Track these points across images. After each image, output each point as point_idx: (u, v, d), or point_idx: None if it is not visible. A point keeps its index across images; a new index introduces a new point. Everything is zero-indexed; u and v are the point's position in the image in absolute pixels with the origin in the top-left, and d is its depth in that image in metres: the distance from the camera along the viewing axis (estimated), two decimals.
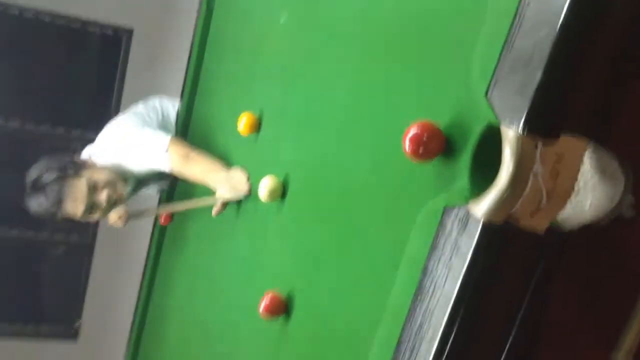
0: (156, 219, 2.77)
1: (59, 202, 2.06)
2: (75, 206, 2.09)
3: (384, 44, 1.15)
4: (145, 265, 2.92)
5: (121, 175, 2.21)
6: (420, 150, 0.89)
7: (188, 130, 2.41)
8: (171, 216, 2.69)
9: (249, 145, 1.79)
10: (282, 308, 1.35)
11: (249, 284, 1.57)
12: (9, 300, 4.59)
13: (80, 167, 2.13)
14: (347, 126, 1.21)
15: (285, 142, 1.58)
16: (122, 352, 2.93)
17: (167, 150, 2.05)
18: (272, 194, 1.49)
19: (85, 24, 4.39)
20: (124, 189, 2.21)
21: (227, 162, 1.93)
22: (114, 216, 2.08)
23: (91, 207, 2.11)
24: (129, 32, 4.46)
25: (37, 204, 2.09)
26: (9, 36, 4.26)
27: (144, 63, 4.45)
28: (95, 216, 2.16)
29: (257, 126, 1.75)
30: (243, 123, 1.74)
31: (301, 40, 1.58)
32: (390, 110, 1.07)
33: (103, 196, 2.11)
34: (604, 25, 0.68)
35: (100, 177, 2.13)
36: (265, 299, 1.35)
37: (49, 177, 2.07)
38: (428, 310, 0.76)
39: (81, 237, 4.64)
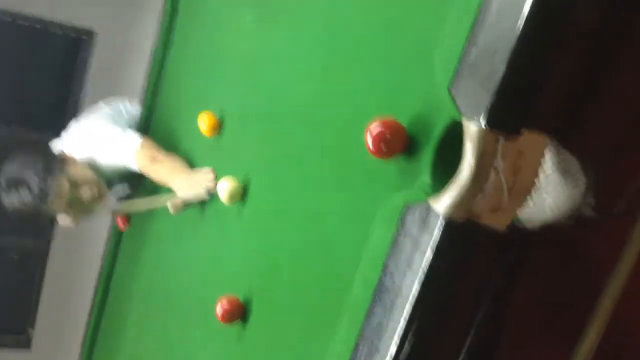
0: (113, 225, 2.71)
1: (45, 197, 2.00)
2: (59, 202, 2.04)
3: (347, 41, 1.13)
4: (101, 271, 2.85)
5: (97, 173, 2.17)
6: (383, 148, 0.87)
7: (149, 131, 2.36)
8: (129, 221, 2.62)
9: (211, 147, 1.75)
10: (239, 312, 1.31)
11: (208, 287, 1.53)
12: None
13: (62, 163, 2.09)
14: (309, 125, 1.19)
15: (247, 143, 1.55)
16: None
17: (136, 151, 2.03)
18: (232, 195, 1.46)
19: (47, 24, 4.28)
20: (104, 186, 2.18)
21: (190, 163, 1.89)
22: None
23: (73, 202, 2.07)
24: (91, 34, 4.37)
25: (18, 200, 2.00)
26: None
27: (106, 65, 4.37)
28: (79, 213, 2.15)
29: (218, 127, 1.71)
30: (204, 123, 1.71)
31: (263, 39, 1.56)
32: (353, 107, 1.06)
33: (85, 191, 2.08)
34: (570, 17, 0.67)
35: (81, 173, 2.11)
36: (222, 302, 1.31)
37: (32, 172, 2.01)
38: (387, 309, 0.74)
39: (35, 242, 4.50)
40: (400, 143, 0.88)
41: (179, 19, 2.32)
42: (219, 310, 1.31)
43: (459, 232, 0.71)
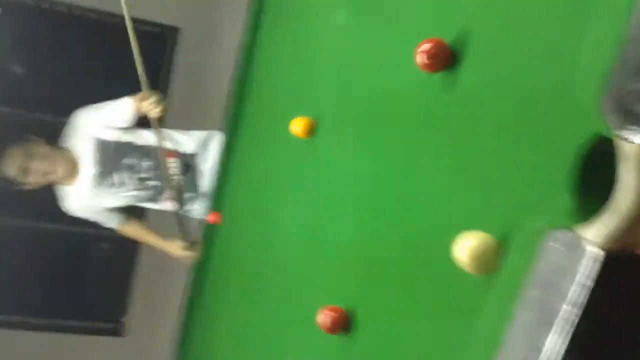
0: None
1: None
2: (7, 168, 2.62)
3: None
4: (193, 264, 2.87)
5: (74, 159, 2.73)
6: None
7: (238, 132, 2.36)
8: (221, 216, 2.64)
9: (303, 150, 1.72)
10: (344, 322, 1.27)
11: (308, 293, 1.50)
12: (54, 296, 4.64)
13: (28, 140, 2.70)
14: (415, 127, 1.13)
15: (344, 146, 1.50)
16: (169, 349, 2.90)
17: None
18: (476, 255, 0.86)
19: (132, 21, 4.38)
20: (59, 170, 2.69)
21: (282, 166, 1.88)
22: None
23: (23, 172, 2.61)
24: (175, 30, 4.44)
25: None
26: (58, 33, 4.30)
27: (191, 62, 4.42)
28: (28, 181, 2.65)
29: (313, 129, 1.68)
30: (297, 126, 1.67)
31: (359, 35, 1.51)
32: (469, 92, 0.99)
33: (35, 164, 2.62)
34: None
35: (41, 150, 2.67)
36: (325, 314, 1.28)
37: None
38: (534, 343, 0.67)
39: None
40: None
41: (266, 16, 2.30)
42: (322, 320, 1.28)
43: (618, 264, 0.64)
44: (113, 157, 2.75)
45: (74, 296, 4.77)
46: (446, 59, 1.05)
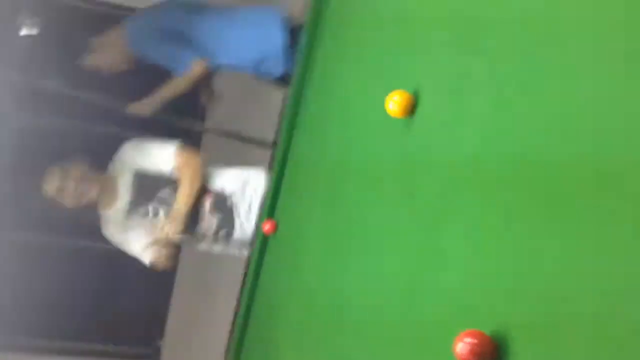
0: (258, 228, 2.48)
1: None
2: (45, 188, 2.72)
3: None
4: (243, 283, 2.59)
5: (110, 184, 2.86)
6: None
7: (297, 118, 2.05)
8: (276, 225, 2.34)
9: (398, 132, 1.39)
10: (490, 354, 0.92)
11: (436, 313, 1.15)
12: (86, 318, 4.37)
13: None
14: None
15: (463, 123, 1.16)
16: None
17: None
18: None
19: None
20: (94, 192, 2.79)
21: (369, 149, 1.55)
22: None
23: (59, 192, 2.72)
24: None
25: None
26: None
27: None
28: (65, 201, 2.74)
29: (412, 107, 1.34)
30: (394, 101, 1.34)
31: None
32: None
33: (70, 185, 2.72)
34: None
35: (79, 172, 2.77)
36: (464, 338, 0.93)
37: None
38: None
39: None
40: None
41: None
42: (461, 352, 0.93)
43: None
44: (149, 189, 2.85)
45: (107, 318, 4.49)
46: None
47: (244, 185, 2.91)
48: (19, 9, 3.97)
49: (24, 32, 4.00)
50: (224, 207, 2.87)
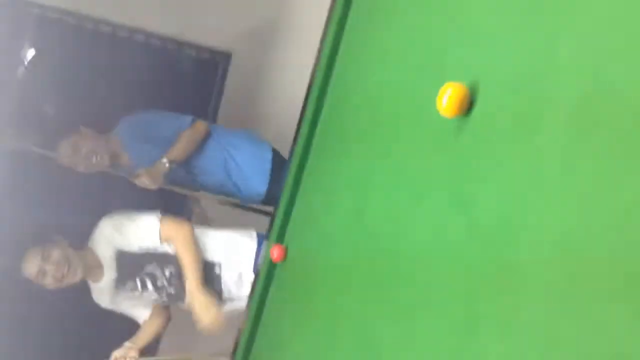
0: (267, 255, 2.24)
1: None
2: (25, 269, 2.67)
3: None
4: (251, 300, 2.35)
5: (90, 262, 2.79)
6: None
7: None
8: (286, 252, 2.11)
9: (452, 133, 1.17)
10: None
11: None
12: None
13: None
14: None
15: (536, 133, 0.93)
16: None
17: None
18: None
19: (181, 45, 3.99)
20: (78, 273, 2.71)
21: (410, 159, 1.33)
22: None
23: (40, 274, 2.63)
24: (228, 56, 4.02)
25: None
26: (103, 54, 3.91)
27: (241, 87, 4.01)
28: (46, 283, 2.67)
29: (468, 103, 1.13)
30: (447, 99, 1.13)
31: None
32: None
33: (51, 269, 2.65)
34: None
35: (58, 253, 2.67)
36: None
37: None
38: None
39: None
40: None
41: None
42: None
43: None
44: (134, 265, 2.76)
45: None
46: None
47: (232, 254, 2.76)
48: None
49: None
50: (210, 276, 2.76)
